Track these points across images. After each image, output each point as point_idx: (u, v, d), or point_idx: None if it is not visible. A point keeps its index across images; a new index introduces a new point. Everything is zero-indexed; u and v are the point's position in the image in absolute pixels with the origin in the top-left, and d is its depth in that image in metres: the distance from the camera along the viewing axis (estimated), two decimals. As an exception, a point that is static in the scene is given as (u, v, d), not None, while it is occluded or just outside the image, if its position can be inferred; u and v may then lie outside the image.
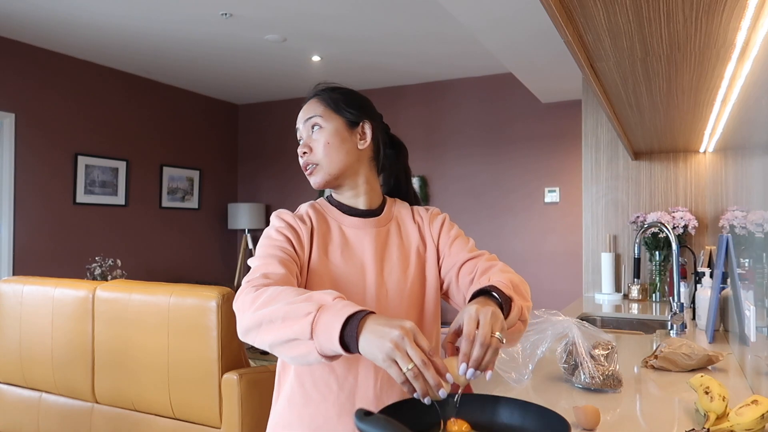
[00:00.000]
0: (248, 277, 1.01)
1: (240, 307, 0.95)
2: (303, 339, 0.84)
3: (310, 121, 1.16)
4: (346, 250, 1.14)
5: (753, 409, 1.02)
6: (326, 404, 1.09)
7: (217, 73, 5.50)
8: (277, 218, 1.15)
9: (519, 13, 3.10)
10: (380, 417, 0.73)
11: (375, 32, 4.33)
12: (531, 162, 5.28)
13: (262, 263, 1.04)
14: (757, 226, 1.41)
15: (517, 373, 1.40)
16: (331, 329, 0.81)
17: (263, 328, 0.89)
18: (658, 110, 2.11)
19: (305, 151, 1.15)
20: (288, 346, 0.87)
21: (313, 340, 0.83)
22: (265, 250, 1.07)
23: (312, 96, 1.19)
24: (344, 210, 1.19)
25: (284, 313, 0.86)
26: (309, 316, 0.84)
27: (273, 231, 1.11)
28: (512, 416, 0.89)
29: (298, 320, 0.85)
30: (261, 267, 1.03)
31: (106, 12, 3.99)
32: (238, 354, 2.31)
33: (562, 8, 1.12)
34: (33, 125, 4.67)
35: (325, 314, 0.83)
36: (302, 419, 1.10)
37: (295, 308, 0.86)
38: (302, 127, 1.17)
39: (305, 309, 0.85)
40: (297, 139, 1.20)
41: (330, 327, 0.82)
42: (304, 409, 1.10)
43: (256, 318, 0.90)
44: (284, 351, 0.88)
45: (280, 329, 0.86)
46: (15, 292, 2.83)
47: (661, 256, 3.10)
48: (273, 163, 6.47)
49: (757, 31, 1.24)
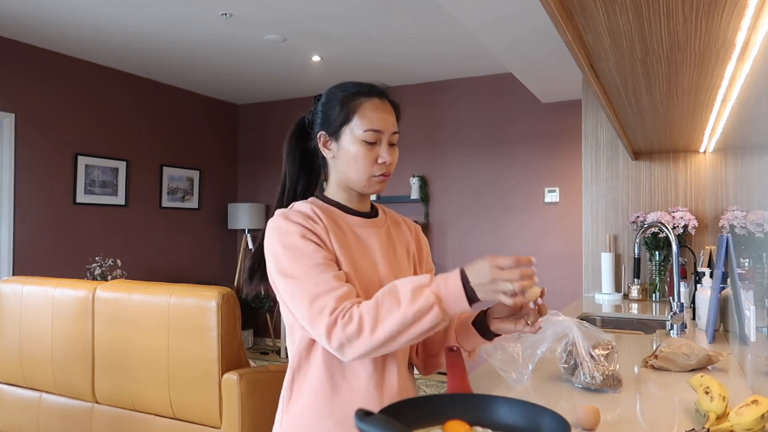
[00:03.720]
0: (320, 306, 1.01)
1: (349, 336, 1.00)
2: (437, 325, 0.99)
3: (394, 136, 1.18)
4: (359, 247, 1.16)
5: (753, 409, 1.02)
6: (356, 394, 1.11)
7: (217, 73, 5.50)
8: (289, 222, 1.10)
9: (519, 13, 3.10)
10: (380, 417, 0.73)
11: (375, 32, 4.33)
12: (531, 162, 5.28)
13: (324, 287, 1.03)
14: (757, 226, 1.42)
15: (517, 373, 1.40)
16: (459, 305, 0.99)
17: (397, 338, 1.00)
18: (658, 110, 2.11)
19: (387, 162, 1.15)
20: (422, 335, 1.01)
21: (444, 320, 1.00)
22: (307, 269, 1.05)
23: (391, 102, 1.20)
24: (347, 210, 1.20)
25: (412, 317, 0.98)
26: (434, 308, 0.98)
27: (297, 239, 1.08)
28: (512, 416, 0.89)
29: (427, 314, 0.98)
30: (326, 292, 1.03)
31: (106, 12, 3.99)
32: (238, 354, 2.31)
33: (562, 8, 1.12)
34: (33, 125, 4.67)
35: (445, 300, 0.99)
36: (331, 411, 1.11)
37: (417, 307, 0.98)
38: (386, 134, 1.16)
39: (426, 304, 0.98)
40: (372, 137, 1.14)
41: (456, 304, 0.99)
42: (334, 400, 1.11)
43: (385, 336, 0.99)
44: (415, 339, 1.01)
45: (414, 329, 0.99)
46: (15, 292, 2.83)
47: (661, 256, 3.10)
48: (273, 163, 6.47)
49: (757, 31, 1.24)
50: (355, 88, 1.17)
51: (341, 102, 1.16)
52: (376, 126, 1.14)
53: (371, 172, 1.15)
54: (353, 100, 1.15)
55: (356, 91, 1.17)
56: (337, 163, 1.18)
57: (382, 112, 1.15)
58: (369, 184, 1.16)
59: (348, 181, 1.18)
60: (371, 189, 1.17)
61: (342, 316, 1.00)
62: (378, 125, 1.14)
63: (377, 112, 1.15)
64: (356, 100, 1.15)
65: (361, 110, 1.14)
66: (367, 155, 1.14)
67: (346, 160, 1.16)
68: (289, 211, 1.14)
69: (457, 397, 0.93)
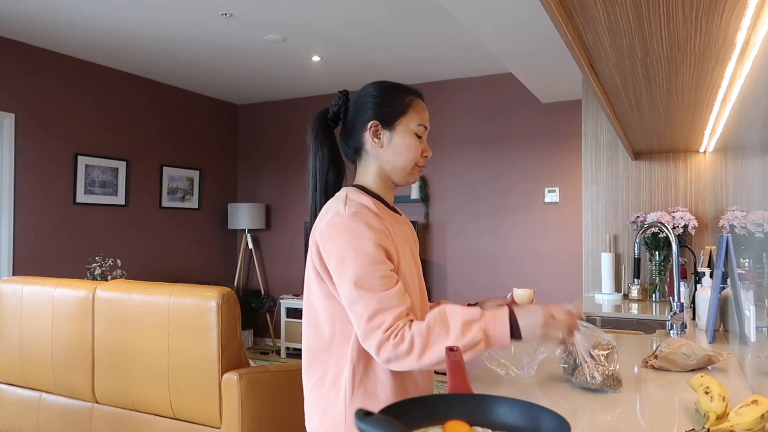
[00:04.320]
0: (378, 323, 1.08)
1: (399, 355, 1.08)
2: (478, 356, 1.11)
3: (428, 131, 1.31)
4: (405, 244, 1.26)
5: (753, 409, 1.02)
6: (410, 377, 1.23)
7: (217, 73, 5.50)
8: (361, 223, 1.15)
9: (519, 14, 3.10)
10: (380, 417, 0.73)
11: (375, 32, 4.33)
12: (531, 162, 5.28)
13: (385, 304, 1.09)
14: (757, 226, 1.42)
15: (517, 373, 1.40)
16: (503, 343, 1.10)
17: (441, 364, 1.07)
18: (658, 110, 2.11)
19: (430, 156, 1.30)
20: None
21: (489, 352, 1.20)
22: (375, 280, 1.11)
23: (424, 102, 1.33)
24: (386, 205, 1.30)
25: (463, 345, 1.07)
26: (480, 344, 1.08)
27: (371, 246, 1.13)
28: (512, 416, 0.88)
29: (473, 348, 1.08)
30: (387, 309, 1.09)
31: (106, 12, 3.99)
32: (238, 354, 2.31)
33: (562, 8, 1.12)
34: (33, 125, 4.67)
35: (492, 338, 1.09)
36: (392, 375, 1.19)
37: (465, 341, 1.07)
38: (427, 131, 1.30)
39: (474, 340, 1.08)
40: (421, 132, 1.28)
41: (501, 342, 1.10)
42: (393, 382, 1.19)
43: (431, 361, 1.08)
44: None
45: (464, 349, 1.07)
46: (15, 292, 2.83)
47: (661, 256, 3.10)
48: (273, 163, 6.47)
49: (757, 31, 1.24)
50: (404, 87, 1.31)
51: (399, 96, 1.28)
52: (425, 123, 1.29)
53: (416, 162, 1.28)
54: (408, 97, 1.29)
55: (408, 89, 1.31)
56: (382, 152, 1.27)
57: (427, 112, 1.32)
58: (412, 172, 1.28)
59: (392, 169, 1.27)
60: (412, 178, 1.29)
61: (395, 335, 1.07)
62: (426, 122, 1.30)
63: (425, 111, 1.31)
64: (410, 97, 1.29)
65: (414, 107, 1.28)
66: (417, 147, 1.27)
67: (396, 149, 1.26)
68: (359, 211, 1.17)
69: (457, 397, 0.93)
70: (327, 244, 1.16)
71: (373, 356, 1.11)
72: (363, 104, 1.28)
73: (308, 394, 1.25)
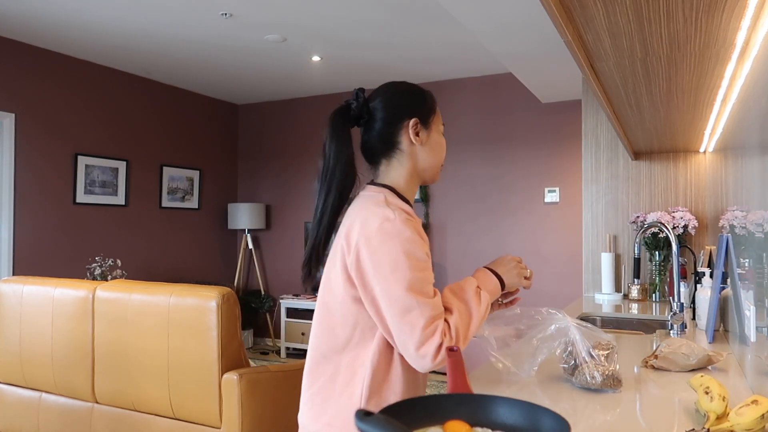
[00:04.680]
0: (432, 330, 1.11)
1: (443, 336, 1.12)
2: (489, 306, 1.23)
3: None
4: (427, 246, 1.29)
5: (753, 409, 1.02)
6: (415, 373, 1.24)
7: (217, 73, 5.50)
8: (410, 229, 1.13)
9: (519, 14, 3.10)
10: (380, 417, 0.73)
11: (375, 32, 4.33)
12: (531, 162, 5.28)
13: (437, 311, 1.13)
14: (757, 226, 1.42)
15: (518, 373, 1.40)
16: (497, 293, 1.26)
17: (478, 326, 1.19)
18: (658, 110, 2.11)
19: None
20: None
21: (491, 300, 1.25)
22: (422, 285, 1.12)
23: None
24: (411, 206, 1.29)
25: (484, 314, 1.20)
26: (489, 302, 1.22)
27: (421, 252, 1.14)
28: (512, 416, 0.88)
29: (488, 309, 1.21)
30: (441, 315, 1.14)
31: (106, 12, 3.99)
32: (238, 354, 2.31)
33: (562, 8, 1.12)
34: (33, 125, 4.67)
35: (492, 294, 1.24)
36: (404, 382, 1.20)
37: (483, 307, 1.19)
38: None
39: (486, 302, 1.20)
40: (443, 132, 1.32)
41: (496, 293, 1.26)
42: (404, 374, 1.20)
43: (471, 336, 1.17)
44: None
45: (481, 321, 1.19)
46: (15, 292, 2.83)
47: (661, 256, 3.10)
48: (273, 163, 6.47)
49: (757, 31, 1.24)
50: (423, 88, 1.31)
51: (426, 96, 1.29)
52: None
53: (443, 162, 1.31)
54: (431, 96, 1.30)
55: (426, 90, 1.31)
56: (419, 150, 1.26)
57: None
58: (438, 171, 1.31)
59: (426, 168, 1.28)
60: (437, 177, 1.31)
61: (449, 337, 1.12)
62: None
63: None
64: (432, 97, 1.30)
65: (437, 108, 1.31)
66: (445, 145, 1.31)
67: (432, 147, 1.27)
68: (407, 216, 1.15)
69: (457, 397, 0.93)
70: (378, 250, 1.12)
71: (421, 361, 1.10)
72: (397, 103, 1.25)
73: (314, 394, 1.22)
